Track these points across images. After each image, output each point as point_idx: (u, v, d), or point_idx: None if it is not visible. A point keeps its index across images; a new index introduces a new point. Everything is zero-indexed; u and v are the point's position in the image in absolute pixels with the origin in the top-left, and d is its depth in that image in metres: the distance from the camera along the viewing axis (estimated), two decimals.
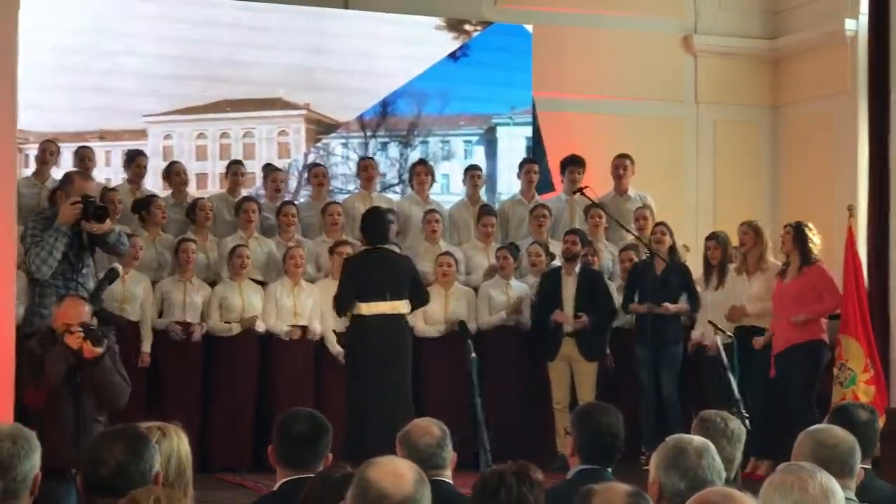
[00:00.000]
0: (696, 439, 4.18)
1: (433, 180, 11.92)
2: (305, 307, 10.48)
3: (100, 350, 6.83)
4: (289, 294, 10.52)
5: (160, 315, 10.35)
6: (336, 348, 10.41)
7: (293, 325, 10.45)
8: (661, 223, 10.98)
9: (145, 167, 11.34)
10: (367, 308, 9.22)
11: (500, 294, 10.88)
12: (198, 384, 10.34)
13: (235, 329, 10.38)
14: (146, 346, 10.19)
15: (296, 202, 11.65)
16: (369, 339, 9.18)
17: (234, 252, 10.50)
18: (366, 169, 11.80)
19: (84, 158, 11.10)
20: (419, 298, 9.59)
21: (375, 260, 9.34)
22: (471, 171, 11.98)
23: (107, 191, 10.55)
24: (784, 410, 9.90)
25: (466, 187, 11.95)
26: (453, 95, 13.23)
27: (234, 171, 11.52)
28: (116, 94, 12.06)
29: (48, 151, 10.99)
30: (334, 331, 10.45)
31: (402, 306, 9.36)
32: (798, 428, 4.88)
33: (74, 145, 11.36)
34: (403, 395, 9.20)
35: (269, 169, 11.83)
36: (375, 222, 9.51)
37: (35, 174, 10.96)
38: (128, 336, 9.75)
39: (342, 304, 9.46)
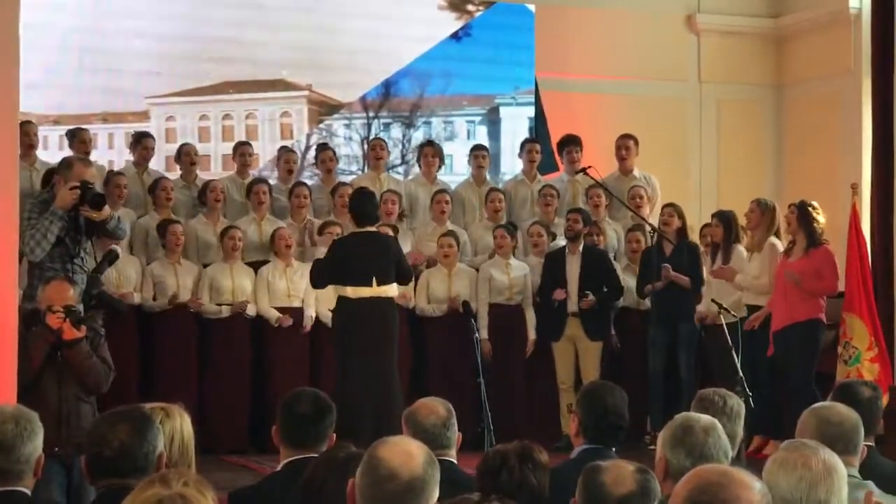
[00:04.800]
0: (704, 418, 4.18)
1: (441, 162, 11.89)
2: (299, 288, 10.45)
3: (78, 333, 6.88)
4: (281, 275, 10.49)
5: (154, 298, 10.34)
6: (311, 312, 10.46)
7: (283, 309, 10.42)
8: (670, 204, 10.96)
9: (152, 149, 11.27)
10: (354, 292, 9.18)
11: (501, 274, 10.86)
12: (192, 365, 10.32)
13: (226, 311, 10.36)
14: (136, 300, 10.16)
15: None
16: (355, 323, 9.13)
17: (225, 233, 10.49)
18: (374, 149, 11.77)
19: (82, 141, 11.00)
20: (403, 279, 9.58)
21: (363, 243, 9.25)
22: (475, 152, 11.95)
23: (113, 174, 10.53)
24: (783, 389, 9.91)
25: (471, 168, 11.93)
26: (456, 75, 13.20)
27: (242, 151, 11.48)
28: (119, 75, 12.02)
29: (32, 133, 10.83)
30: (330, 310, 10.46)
31: (389, 290, 9.31)
32: (799, 406, 4.89)
33: (76, 127, 11.31)
34: (389, 378, 9.15)
35: (282, 150, 11.81)
36: (363, 203, 9.45)
37: (21, 157, 10.79)
38: (127, 319, 9.79)
39: (318, 280, 9.45)
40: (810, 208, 10.09)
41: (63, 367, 6.93)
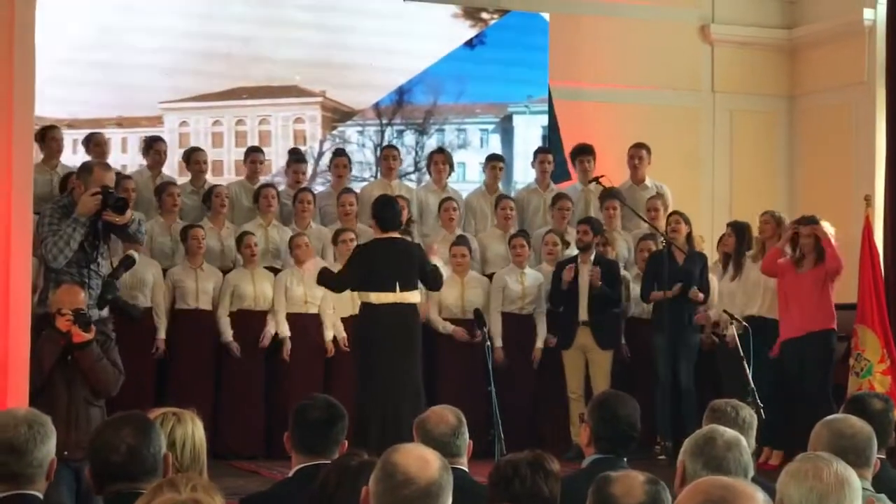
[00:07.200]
0: (729, 432, 4.17)
1: (451, 169, 11.87)
2: (315, 295, 10.45)
3: (87, 335, 6.90)
4: (298, 282, 10.50)
5: (173, 303, 10.36)
6: (330, 334, 10.46)
7: (298, 315, 10.44)
8: (676, 212, 10.96)
9: (164, 153, 11.31)
10: (378, 297, 9.20)
11: (515, 283, 10.86)
12: (209, 372, 10.35)
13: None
14: (161, 334, 10.22)
15: (312, 189, 11.64)
16: (378, 328, 9.15)
17: (241, 240, 10.51)
18: (387, 158, 11.76)
19: (98, 144, 11.06)
20: (433, 285, 9.62)
21: (388, 249, 9.26)
22: (492, 162, 11.93)
23: (122, 178, 10.54)
24: (795, 400, 9.88)
25: (486, 177, 11.92)
26: (469, 83, 13.20)
27: (253, 158, 11.49)
28: (133, 80, 12.04)
29: (59, 138, 10.88)
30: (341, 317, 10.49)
31: (412, 296, 9.33)
32: (815, 418, 4.88)
33: (91, 132, 11.34)
34: (413, 385, 9.16)
35: (293, 157, 11.82)
36: (386, 210, 9.47)
37: (44, 160, 10.86)
38: (143, 324, 9.79)
39: (341, 285, 9.47)
40: (821, 231, 10.09)
41: (73, 371, 6.95)
